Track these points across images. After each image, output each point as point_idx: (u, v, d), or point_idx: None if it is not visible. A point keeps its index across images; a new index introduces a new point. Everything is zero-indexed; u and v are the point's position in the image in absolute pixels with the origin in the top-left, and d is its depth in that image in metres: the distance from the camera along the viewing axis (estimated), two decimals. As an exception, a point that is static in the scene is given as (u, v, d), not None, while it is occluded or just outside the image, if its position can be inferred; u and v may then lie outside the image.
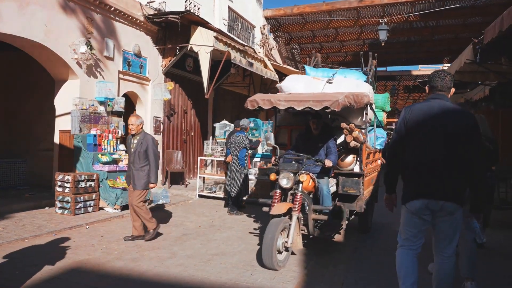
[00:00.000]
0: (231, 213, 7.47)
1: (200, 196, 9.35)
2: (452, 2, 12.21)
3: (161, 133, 10.28)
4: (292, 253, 4.69)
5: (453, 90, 3.12)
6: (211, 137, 11.78)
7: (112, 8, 8.36)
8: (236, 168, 7.52)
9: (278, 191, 4.71)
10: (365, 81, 5.86)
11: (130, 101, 9.65)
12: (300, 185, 4.60)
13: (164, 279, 4.02)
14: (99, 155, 7.54)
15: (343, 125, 5.01)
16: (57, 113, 7.98)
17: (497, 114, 9.94)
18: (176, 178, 10.67)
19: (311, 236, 4.87)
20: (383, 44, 13.18)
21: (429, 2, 12.55)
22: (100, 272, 4.20)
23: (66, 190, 6.78)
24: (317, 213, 4.89)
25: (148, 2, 9.80)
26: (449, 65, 10.48)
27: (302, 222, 4.72)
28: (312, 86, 5.55)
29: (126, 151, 8.67)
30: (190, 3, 11.63)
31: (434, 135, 2.91)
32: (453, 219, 2.94)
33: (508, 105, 9.89)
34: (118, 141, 8.31)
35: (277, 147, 5.15)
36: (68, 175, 6.83)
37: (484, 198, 3.21)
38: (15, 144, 9.72)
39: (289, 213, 4.51)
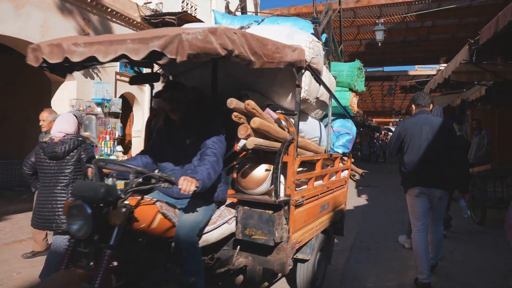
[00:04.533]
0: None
1: (198, 196, 9.31)
2: (449, 3, 12.26)
3: (159, 134, 10.27)
4: None
5: (431, 106, 4.18)
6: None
7: (109, 9, 8.35)
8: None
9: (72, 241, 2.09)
10: (312, 33, 3.37)
11: (127, 102, 9.64)
12: (115, 230, 2.03)
13: (162, 280, 4.00)
14: (96, 157, 7.52)
15: (231, 102, 2.43)
16: (54, 114, 7.95)
17: (493, 112, 10.01)
18: (173, 179, 10.65)
19: None
20: (379, 44, 13.23)
21: (426, 2, 12.59)
22: (97, 273, 4.19)
23: (63, 191, 6.74)
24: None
25: (145, 3, 9.79)
26: (445, 65, 10.51)
27: None
28: None
29: (123, 152, 8.68)
30: (187, 3, 11.63)
31: (424, 140, 3.83)
32: (443, 202, 4.02)
33: (504, 104, 9.93)
34: (115, 142, 8.30)
35: (97, 145, 2.51)
36: (65, 176, 6.79)
37: (468, 182, 4.25)
38: (11, 146, 9.68)
39: None
